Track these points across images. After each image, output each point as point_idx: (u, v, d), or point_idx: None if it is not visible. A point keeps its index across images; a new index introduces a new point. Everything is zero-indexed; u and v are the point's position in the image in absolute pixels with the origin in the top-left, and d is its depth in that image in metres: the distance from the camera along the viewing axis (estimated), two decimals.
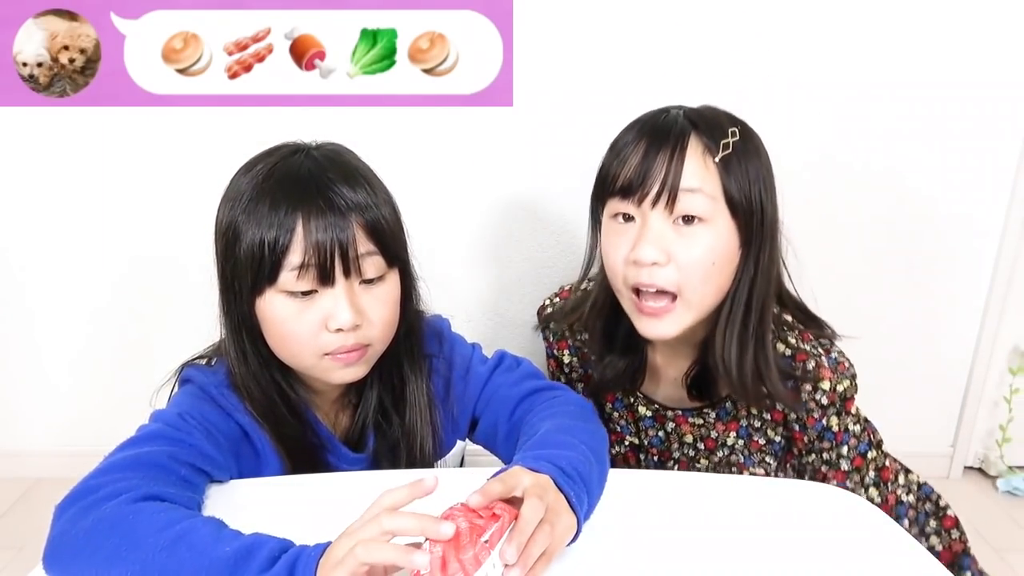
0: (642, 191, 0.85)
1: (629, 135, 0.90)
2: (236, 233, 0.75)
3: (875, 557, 0.69)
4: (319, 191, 0.75)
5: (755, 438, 0.98)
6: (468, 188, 1.48)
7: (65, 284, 1.54)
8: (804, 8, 1.38)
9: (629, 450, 1.06)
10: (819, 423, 0.93)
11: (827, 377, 0.91)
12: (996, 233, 1.58)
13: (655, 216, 0.85)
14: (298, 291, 0.75)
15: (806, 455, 0.97)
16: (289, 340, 0.77)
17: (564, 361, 1.09)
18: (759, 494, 0.80)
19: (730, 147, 0.85)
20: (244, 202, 0.76)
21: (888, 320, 1.62)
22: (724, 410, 0.98)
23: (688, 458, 1.02)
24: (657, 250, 0.84)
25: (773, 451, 0.99)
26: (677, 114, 0.88)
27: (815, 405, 0.92)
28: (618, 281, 0.90)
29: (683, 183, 0.83)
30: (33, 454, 1.68)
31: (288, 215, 0.73)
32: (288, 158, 0.78)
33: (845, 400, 0.93)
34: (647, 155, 0.85)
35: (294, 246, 0.73)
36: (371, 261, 0.77)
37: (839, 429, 0.94)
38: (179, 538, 0.61)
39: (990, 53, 1.45)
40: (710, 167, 0.84)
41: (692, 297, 0.86)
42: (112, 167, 1.46)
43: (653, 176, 0.84)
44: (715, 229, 0.85)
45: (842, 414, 0.93)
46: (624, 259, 0.87)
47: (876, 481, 1.00)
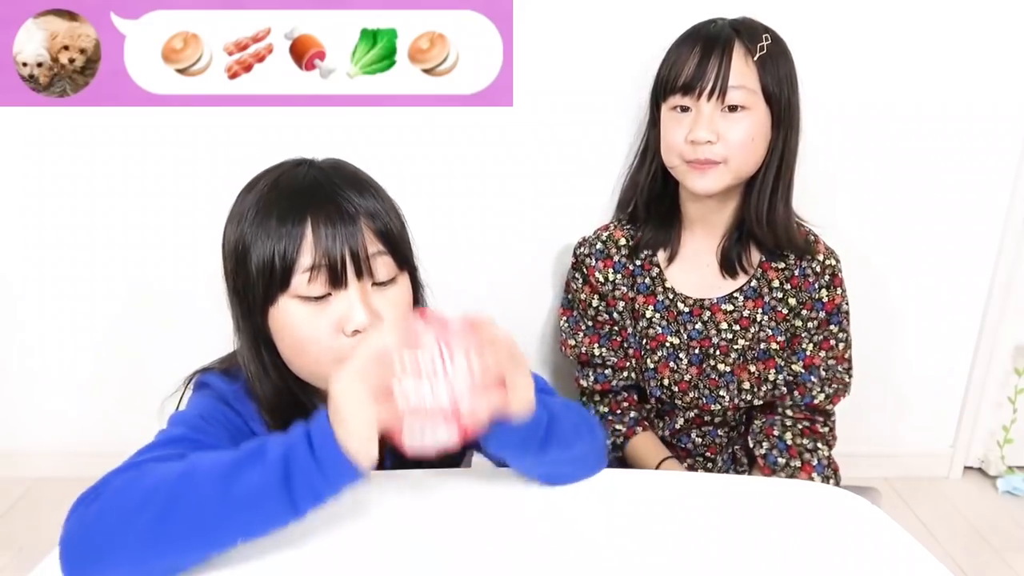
0: (700, 87, 1.10)
1: (684, 44, 1.15)
2: (245, 248, 0.76)
3: (875, 557, 0.69)
4: (327, 197, 0.75)
5: (779, 309, 1.20)
6: (468, 188, 1.48)
7: (65, 284, 1.54)
8: (804, 9, 1.38)
9: (666, 359, 1.22)
10: (812, 287, 1.19)
11: (821, 251, 1.20)
12: (996, 233, 1.58)
13: (708, 106, 1.10)
14: (311, 295, 0.74)
15: (793, 319, 1.20)
16: (305, 346, 0.76)
17: (607, 279, 1.23)
18: (759, 494, 0.80)
19: (765, 49, 1.10)
20: (251, 217, 0.76)
21: (888, 320, 1.62)
22: (752, 288, 1.20)
23: (727, 341, 1.21)
24: (709, 131, 1.10)
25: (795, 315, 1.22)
26: (723, 24, 1.14)
27: (810, 272, 1.19)
28: (675, 158, 1.15)
29: (730, 81, 1.09)
30: (33, 454, 1.68)
31: (296, 224, 0.73)
32: (292, 170, 0.79)
33: (834, 276, 1.20)
34: (701, 60, 1.10)
35: (304, 249, 0.73)
36: (382, 262, 0.77)
37: (828, 299, 1.20)
38: (188, 464, 0.64)
39: (990, 52, 1.45)
40: (750, 65, 1.10)
41: (733, 164, 1.12)
42: (112, 167, 1.45)
43: (707, 76, 1.10)
44: (754, 114, 1.11)
45: (831, 287, 1.20)
46: (684, 139, 1.12)
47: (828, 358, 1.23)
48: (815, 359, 1.21)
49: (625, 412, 1.25)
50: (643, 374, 1.25)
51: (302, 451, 0.61)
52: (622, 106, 1.42)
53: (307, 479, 0.61)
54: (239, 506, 0.61)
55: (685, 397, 1.23)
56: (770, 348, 1.21)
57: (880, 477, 1.72)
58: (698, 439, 1.27)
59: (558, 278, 1.52)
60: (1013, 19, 1.43)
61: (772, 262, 1.20)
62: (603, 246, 1.24)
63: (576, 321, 1.28)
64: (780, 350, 1.22)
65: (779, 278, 1.20)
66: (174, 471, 0.64)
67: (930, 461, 1.76)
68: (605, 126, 1.44)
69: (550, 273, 1.54)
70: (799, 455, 1.18)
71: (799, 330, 1.21)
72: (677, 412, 1.25)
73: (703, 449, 1.27)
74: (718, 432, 1.27)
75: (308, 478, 0.61)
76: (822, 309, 1.21)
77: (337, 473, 0.61)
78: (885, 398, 1.69)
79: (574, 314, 1.29)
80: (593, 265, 1.24)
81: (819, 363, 1.21)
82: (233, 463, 0.63)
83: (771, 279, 1.20)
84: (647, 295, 1.22)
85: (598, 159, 1.46)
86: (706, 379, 1.22)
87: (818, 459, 1.18)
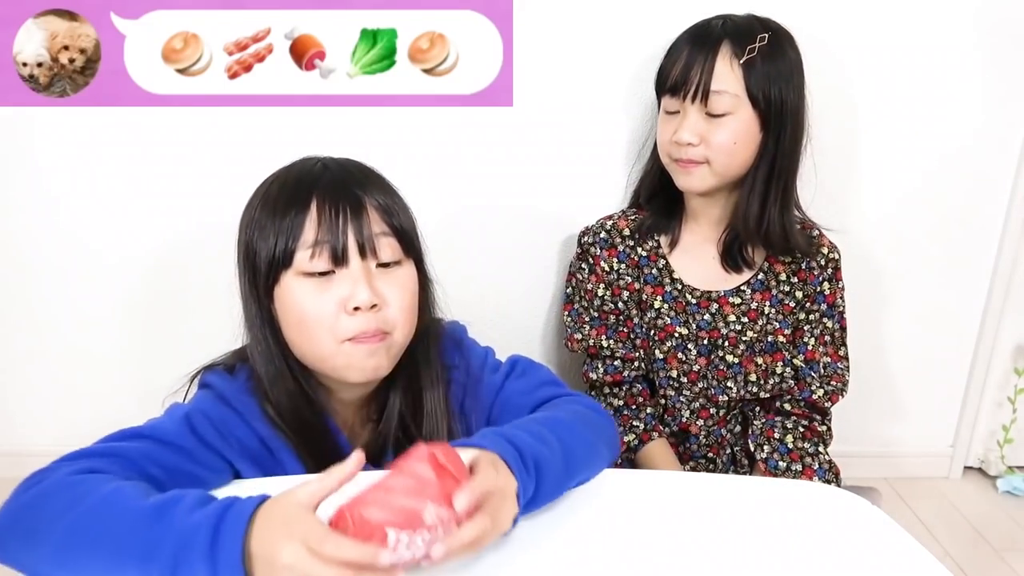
0: (684, 90, 1.12)
1: (680, 43, 1.16)
2: (254, 235, 0.77)
3: (875, 557, 0.69)
4: (333, 180, 0.77)
5: (786, 302, 1.22)
6: (468, 188, 1.48)
7: (65, 284, 1.53)
8: (805, 11, 1.38)
9: (675, 350, 1.24)
10: (816, 280, 1.21)
11: (825, 244, 1.23)
12: (996, 233, 1.58)
13: (692, 109, 1.12)
14: (314, 271, 0.75)
15: (798, 312, 1.22)
16: (308, 325, 0.76)
17: (612, 268, 1.25)
18: (760, 494, 0.80)
19: (755, 52, 1.09)
20: (259, 206, 0.78)
21: (888, 320, 1.62)
22: (759, 281, 1.22)
23: (736, 332, 1.22)
24: (692, 134, 1.12)
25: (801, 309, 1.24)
26: (716, 24, 1.14)
27: (815, 265, 1.21)
28: (665, 155, 1.19)
29: (712, 86, 1.10)
30: (33, 454, 1.66)
31: (302, 204, 0.75)
32: (302, 164, 0.81)
33: (836, 269, 1.22)
34: (687, 62, 1.12)
35: (308, 226, 0.75)
36: (386, 242, 0.77)
37: (829, 292, 1.22)
38: (105, 498, 0.62)
39: (990, 52, 1.45)
40: (735, 69, 1.10)
41: (717, 167, 1.14)
42: (112, 167, 1.45)
43: (691, 80, 1.11)
44: (738, 118, 1.11)
45: (832, 281, 1.22)
46: (669, 140, 1.16)
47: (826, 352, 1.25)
48: (815, 353, 1.22)
49: (641, 408, 1.25)
50: (652, 365, 1.25)
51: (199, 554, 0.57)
52: (622, 106, 1.42)
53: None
54: (127, 561, 0.59)
55: (694, 388, 1.23)
56: (777, 341, 1.22)
57: (880, 477, 1.72)
58: (703, 438, 1.26)
59: (559, 277, 1.52)
60: (1013, 19, 1.43)
61: (777, 256, 1.21)
62: (607, 235, 1.26)
63: (579, 313, 1.28)
64: (787, 343, 1.23)
65: (786, 271, 1.22)
66: (104, 489, 0.63)
67: (930, 461, 1.76)
68: (605, 126, 1.44)
69: (551, 273, 1.53)
70: (800, 459, 1.18)
71: (802, 323, 1.23)
72: (682, 405, 1.25)
73: (706, 450, 1.27)
74: (722, 432, 1.26)
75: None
76: (823, 302, 1.22)
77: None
78: (885, 398, 1.69)
79: (576, 307, 1.29)
80: (598, 254, 1.25)
81: (818, 357, 1.22)
82: (141, 514, 0.60)
83: (778, 272, 1.22)
84: (655, 286, 1.23)
85: (598, 159, 1.45)
86: (714, 370, 1.23)
87: (819, 463, 1.18)
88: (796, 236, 1.18)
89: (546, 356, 1.58)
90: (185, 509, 0.59)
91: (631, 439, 1.22)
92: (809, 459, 1.18)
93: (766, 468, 1.19)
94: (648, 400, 1.26)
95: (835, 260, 1.22)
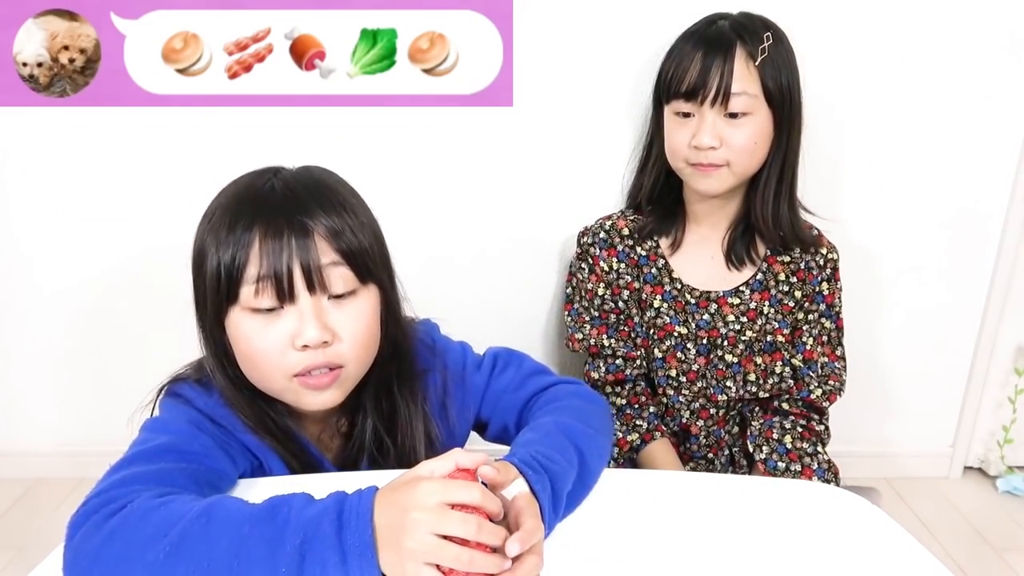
0: (702, 94, 1.10)
1: (687, 46, 1.14)
2: (202, 255, 0.74)
3: (875, 557, 0.69)
4: (279, 207, 0.72)
5: (785, 302, 1.22)
6: (468, 188, 1.48)
7: (65, 284, 1.54)
8: (804, 13, 1.38)
9: (674, 349, 1.23)
10: (815, 280, 1.21)
11: (825, 244, 1.23)
12: (996, 233, 1.58)
13: (711, 112, 1.11)
14: (260, 308, 0.71)
15: (797, 312, 1.23)
16: (256, 360, 0.73)
17: (611, 267, 1.25)
18: (759, 494, 0.80)
19: (766, 51, 1.10)
20: (208, 223, 0.75)
21: (889, 319, 1.62)
22: (758, 281, 1.21)
23: (735, 332, 1.22)
24: (712, 137, 1.11)
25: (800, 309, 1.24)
26: (723, 26, 1.13)
27: (814, 265, 1.21)
28: (679, 161, 1.17)
29: (732, 88, 1.09)
30: (33, 454, 1.68)
31: (244, 233, 0.70)
32: (255, 179, 0.76)
33: (835, 270, 1.23)
34: (704, 66, 1.10)
35: (251, 259, 0.70)
36: (338, 273, 0.72)
37: (828, 293, 1.22)
38: (205, 511, 0.60)
39: (991, 52, 1.45)
40: (752, 70, 1.10)
41: (737, 167, 1.14)
42: (112, 167, 1.45)
43: (710, 83, 1.10)
44: (756, 118, 1.12)
45: (831, 281, 1.22)
46: (687, 144, 1.13)
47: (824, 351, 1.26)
48: (813, 353, 1.22)
49: (644, 407, 1.25)
50: (651, 364, 1.25)
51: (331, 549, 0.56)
52: (622, 106, 1.42)
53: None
54: (248, 565, 0.57)
55: (693, 387, 1.24)
56: (776, 340, 1.22)
57: (880, 477, 1.72)
58: (703, 438, 1.27)
59: (559, 278, 1.52)
60: (1014, 19, 1.43)
61: (777, 255, 1.22)
62: (606, 235, 1.26)
63: (580, 313, 1.28)
64: (786, 343, 1.23)
65: (785, 271, 1.22)
66: (192, 509, 0.60)
67: (930, 461, 1.76)
68: (605, 126, 1.44)
69: (551, 273, 1.54)
70: (799, 459, 1.18)
71: (800, 323, 1.23)
72: (682, 405, 1.25)
73: (706, 450, 1.27)
74: (721, 433, 1.26)
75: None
76: (822, 302, 1.22)
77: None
78: (885, 398, 1.69)
79: (576, 307, 1.29)
80: (598, 254, 1.25)
81: (816, 357, 1.22)
82: (252, 518, 0.59)
83: (776, 272, 1.22)
84: (654, 285, 1.24)
85: (598, 159, 1.45)
86: (713, 369, 1.23)
87: (818, 463, 1.18)
88: (801, 229, 1.20)
89: (546, 356, 1.59)
90: (298, 506, 0.59)
91: (634, 438, 1.22)
92: (808, 459, 1.18)
93: (765, 469, 1.19)
94: (651, 399, 1.26)
95: (834, 260, 1.23)
